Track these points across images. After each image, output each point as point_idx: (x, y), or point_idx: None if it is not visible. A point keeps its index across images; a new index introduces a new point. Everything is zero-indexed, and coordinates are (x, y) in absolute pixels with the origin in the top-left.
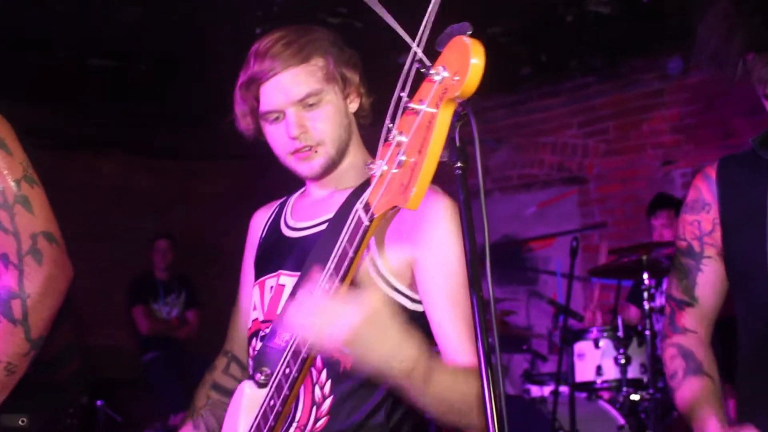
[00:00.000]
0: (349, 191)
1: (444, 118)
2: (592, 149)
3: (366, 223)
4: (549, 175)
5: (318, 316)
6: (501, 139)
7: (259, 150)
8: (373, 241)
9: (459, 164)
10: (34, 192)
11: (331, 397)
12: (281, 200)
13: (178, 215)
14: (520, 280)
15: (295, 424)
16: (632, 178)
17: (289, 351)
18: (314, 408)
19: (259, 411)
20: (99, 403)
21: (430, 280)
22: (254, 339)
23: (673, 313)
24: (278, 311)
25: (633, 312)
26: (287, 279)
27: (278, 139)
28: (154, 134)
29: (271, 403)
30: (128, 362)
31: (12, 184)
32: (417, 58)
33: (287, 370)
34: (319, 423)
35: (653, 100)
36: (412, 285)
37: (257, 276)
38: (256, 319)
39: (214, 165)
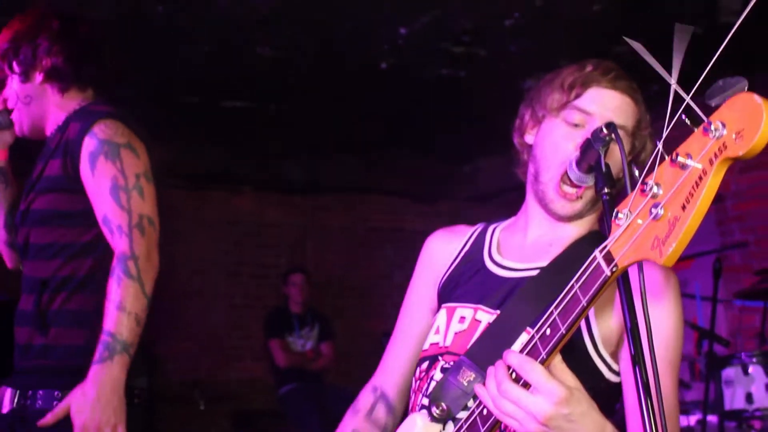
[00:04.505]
0: (568, 239)
1: (717, 177)
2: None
3: (607, 273)
4: None
5: (508, 394)
6: None
7: (389, 185)
8: None
9: (606, 190)
10: (149, 186)
11: None
12: (474, 228)
13: (308, 249)
14: None
15: None
16: None
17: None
18: None
19: None
20: None
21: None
22: (426, 362)
23: None
24: (468, 346)
25: None
26: (484, 316)
27: (565, 145)
28: (283, 170)
29: None
30: (266, 394)
31: (133, 176)
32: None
33: (485, 411)
34: None
35: None
36: (615, 354)
37: (444, 300)
38: (436, 343)
39: (341, 199)
